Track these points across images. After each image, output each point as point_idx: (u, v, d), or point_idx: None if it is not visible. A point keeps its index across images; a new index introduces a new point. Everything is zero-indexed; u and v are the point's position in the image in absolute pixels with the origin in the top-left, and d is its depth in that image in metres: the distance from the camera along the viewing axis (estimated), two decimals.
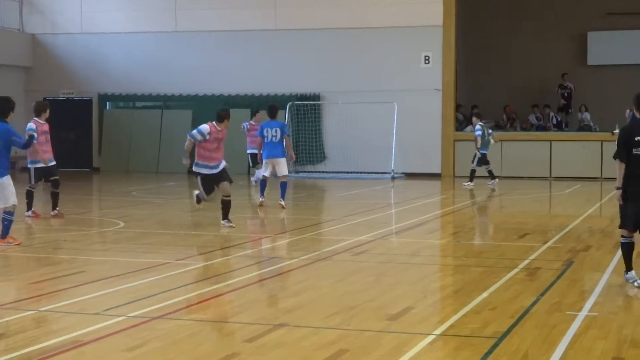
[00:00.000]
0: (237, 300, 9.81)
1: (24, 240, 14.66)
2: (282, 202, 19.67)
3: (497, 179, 25.49)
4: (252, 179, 25.42)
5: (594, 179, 28.57)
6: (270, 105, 20.49)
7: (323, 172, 31.06)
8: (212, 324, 8.62)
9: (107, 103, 34.09)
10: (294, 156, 20.90)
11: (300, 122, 31.54)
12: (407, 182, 28.44)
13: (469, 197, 23.30)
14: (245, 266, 11.89)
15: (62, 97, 34.39)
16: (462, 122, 32.63)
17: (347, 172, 29.49)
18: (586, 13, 33.94)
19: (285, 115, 31.08)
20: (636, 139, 10.11)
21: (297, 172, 31.01)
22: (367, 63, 30.98)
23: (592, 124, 32.49)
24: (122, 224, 16.82)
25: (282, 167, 19.70)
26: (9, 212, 13.31)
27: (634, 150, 10.12)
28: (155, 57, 32.88)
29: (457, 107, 32.19)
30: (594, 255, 13.14)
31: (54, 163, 17.17)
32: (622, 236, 10.57)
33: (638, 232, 10.48)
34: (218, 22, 32.17)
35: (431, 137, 30.44)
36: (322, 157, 31.76)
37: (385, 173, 29.17)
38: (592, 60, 34.50)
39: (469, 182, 25.39)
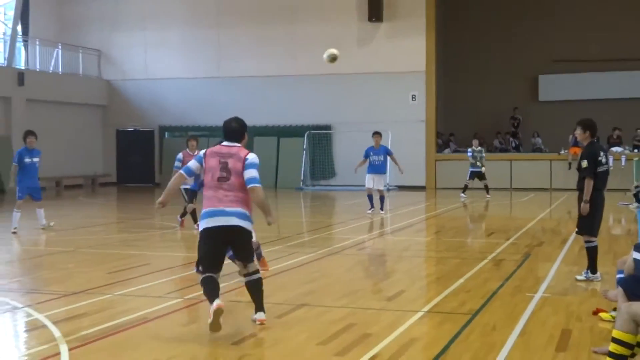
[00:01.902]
0: (267, 285, 9.70)
1: (104, 240, 14.68)
2: (382, 212, 19.26)
3: (465, 196, 25.24)
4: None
5: (545, 189, 28.50)
6: (376, 131, 20.11)
7: (333, 185, 31.05)
8: (249, 305, 8.58)
9: (166, 133, 34.13)
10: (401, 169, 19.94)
11: (315, 146, 31.55)
12: (399, 193, 28.37)
13: (448, 205, 23.22)
14: (273, 259, 11.85)
15: (130, 129, 34.47)
16: (441, 146, 32.64)
17: (353, 186, 29.42)
18: (537, 60, 33.96)
19: (304, 142, 31.16)
20: (600, 159, 9.40)
21: (313, 185, 31.04)
22: (367, 100, 31.03)
23: (543, 147, 32.39)
24: (178, 227, 16.79)
25: (381, 182, 19.51)
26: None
27: (599, 168, 9.41)
28: (202, 96, 32.93)
29: (438, 134, 32.14)
30: (546, 249, 13.07)
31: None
32: (591, 241, 9.64)
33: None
34: (252, 69, 32.22)
35: (417, 158, 30.41)
36: (332, 174, 31.75)
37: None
38: (542, 97, 34.51)
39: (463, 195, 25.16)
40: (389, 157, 19.86)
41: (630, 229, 16.30)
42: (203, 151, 7.50)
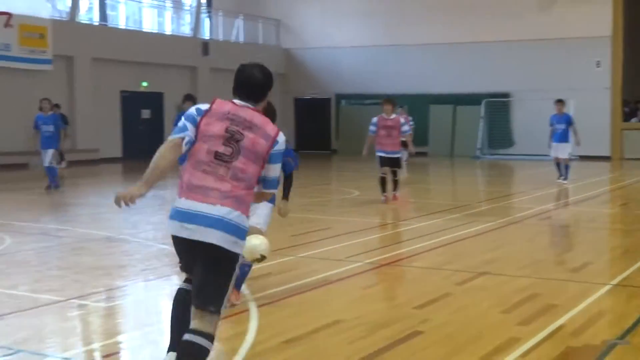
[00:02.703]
0: (448, 252, 9.75)
1: None
2: (565, 182, 18.71)
3: None
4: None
5: None
6: (558, 99, 19.54)
7: (512, 154, 30.42)
8: (430, 270, 8.60)
9: (342, 100, 34.60)
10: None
11: (493, 115, 31.00)
12: (581, 163, 27.31)
13: (637, 176, 22.12)
14: (453, 226, 11.79)
15: (308, 97, 35.19)
16: (628, 115, 31.12)
17: (532, 155, 28.68)
18: None
19: (481, 110, 30.68)
20: None
21: (490, 154, 30.52)
22: (548, 67, 30.06)
23: None
24: (356, 193, 17.02)
25: (565, 150, 18.95)
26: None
27: None
28: (379, 64, 33.07)
29: (624, 102, 30.68)
30: None
31: (395, 156, 14.92)
32: None
33: None
34: (428, 37, 32.01)
35: (602, 127, 29.25)
36: (510, 143, 31.14)
37: None
38: None
39: None
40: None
41: None
42: (201, 106, 4.52)
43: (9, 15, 24.25)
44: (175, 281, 8.22)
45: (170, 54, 29.50)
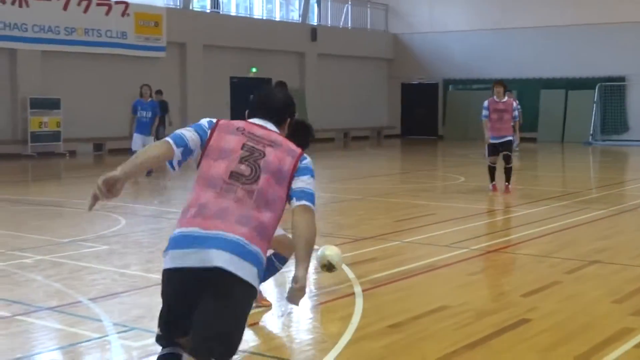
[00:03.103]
0: (557, 240, 9.49)
1: (390, 189, 14.96)
2: None
3: None
4: None
5: None
6: None
7: (626, 140, 29.36)
8: (537, 258, 8.40)
9: (450, 86, 34.14)
10: None
11: (607, 99, 29.97)
12: None
13: None
14: (562, 214, 11.46)
15: (415, 82, 34.90)
16: None
17: None
18: None
19: (594, 94, 29.74)
20: None
21: (602, 140, 29.56)
22: None
23: None
24: (462, 179, 16.78)
25: None
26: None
27: None
28: (487, 49, 32.41)
29: None
30: None
31: (506, 139, 14.04)
32: None
33: None
34: (538, 20, 31.15)
35: None
36: (625, 128, 30.06)
37: None
38: None
39: None
40: None
41: None
42: (210, 119, 3.82)
43: (125, 4, 25.00)
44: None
45: (279, 40, 29.76)
